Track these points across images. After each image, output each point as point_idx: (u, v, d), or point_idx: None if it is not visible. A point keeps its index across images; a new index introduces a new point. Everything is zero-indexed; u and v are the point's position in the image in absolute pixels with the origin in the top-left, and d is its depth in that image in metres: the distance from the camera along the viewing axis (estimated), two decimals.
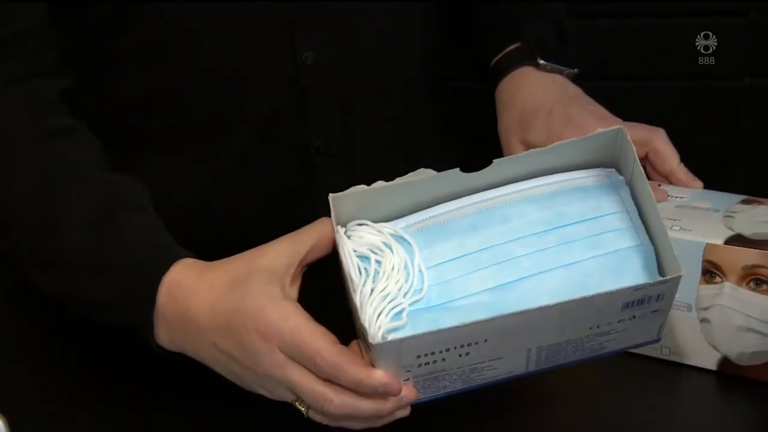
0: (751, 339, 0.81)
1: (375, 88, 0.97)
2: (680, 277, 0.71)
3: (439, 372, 0.72)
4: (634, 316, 0.73)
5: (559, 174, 0.77)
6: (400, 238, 0.76)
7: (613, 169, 0.78)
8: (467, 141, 1.02)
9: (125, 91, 0.92)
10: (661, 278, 0.73)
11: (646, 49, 1.41)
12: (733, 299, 0.81)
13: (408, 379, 0.72)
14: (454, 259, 0.75)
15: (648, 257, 0.74)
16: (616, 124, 0.90)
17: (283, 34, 0.90)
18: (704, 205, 0.87)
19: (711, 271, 0.82)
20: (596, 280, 0.73)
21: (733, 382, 0.83)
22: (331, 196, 0.76)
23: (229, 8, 0.88)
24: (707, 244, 0.81)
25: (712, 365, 0.84)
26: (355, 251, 0.75)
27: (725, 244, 0.81)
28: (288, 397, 0.75)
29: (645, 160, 0.94)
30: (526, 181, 0.77)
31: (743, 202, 0.87)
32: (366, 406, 0.73)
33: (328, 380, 0.73)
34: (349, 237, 0.76)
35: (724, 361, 0.83)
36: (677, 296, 0.81)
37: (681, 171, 0.92)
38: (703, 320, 0.83)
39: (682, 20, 1.40)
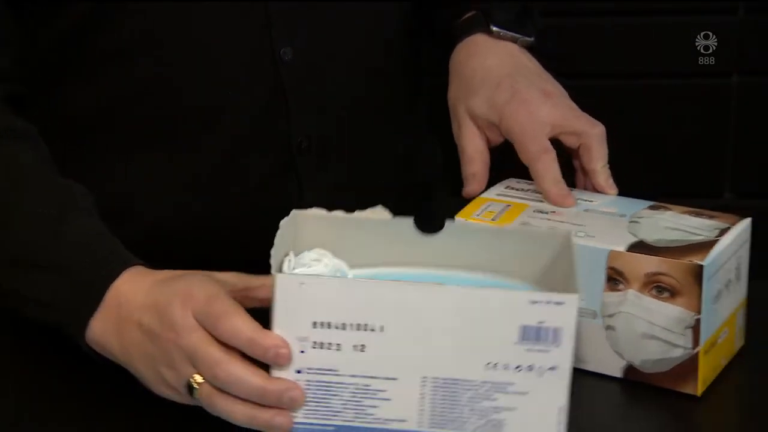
0: (655, 346, 0.81)
1: (355, 83, 0.96)
2: (577, 304, 0.69)
3: (333, 381, 0.70)
4: (532, 367, 0.70)
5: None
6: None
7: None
8: (450, 138, 1.02)
9: (104, 92, 0.91)
10: (557, 294, 0.70)
11: (640, 47, 1.42)
12: (636, 306, 0.81)
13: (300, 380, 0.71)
14: None
15: None
16: (561, 104, 0.93)
17: (261, 31, 0.91)
18: (611, 210, 0.86)
19: (615, 278, 0.81)
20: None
21: (638, 389, 0.82)
22: (283, 221, 0.76)
23: (206, 6, 0.89)
24: (611, 251, 0.81)
25: (617, 372, 0.83)
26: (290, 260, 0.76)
27: (628, 251, 0.80)
28: (188, 372, 0.74)
29: (576, 153, 0.93)
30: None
31: (651, 207, 0.87)
32: (253, 380, 0.71)
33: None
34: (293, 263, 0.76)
35: (629, 369, 0.83)
36: (583, 304, 0.82)
37: (602, 175, 0.91)
38: (608, 327, 0.82)
39: (673, 18, 1.41)
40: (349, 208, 0.95)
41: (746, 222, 0.85)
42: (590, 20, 1.43)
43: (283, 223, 0.75)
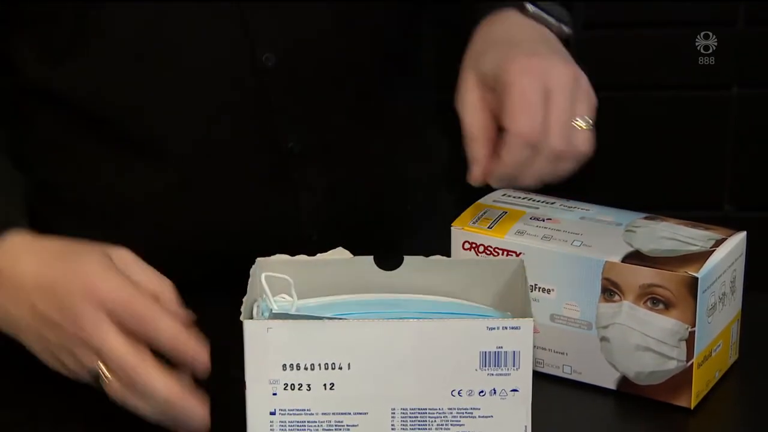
0: (649, 358, 0.80)
1: (340, 87, 0.94)
2: (532, 328, 0.72)
3: (306, 420, 0.73)
4: (494, 391, 0.72)
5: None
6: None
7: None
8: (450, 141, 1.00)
9: (83, 110, 0.90)
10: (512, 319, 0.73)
11: (639, 59, 1.42)
12: (631, 318, 0.80)
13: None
14: None
15: None
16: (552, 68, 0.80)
17: (241, 38, 0.89)
18: (608, 219, 0.86)
19: (610, 290, 0.80)
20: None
21: (632, 401, 0.82)
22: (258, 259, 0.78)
23: (183, 13, 0.87)
24: (606, 261, 0.80)
25: (611, 384, 0.83)
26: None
27: (623, 261, 0.80)
28: (93, 362, 0.72)
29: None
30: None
31: (646, 218, 0.86)
32: (163, 392, 0.71)
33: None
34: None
35: (623, 381, 0.82)
36: (579, 315, 0.82)
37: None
38: (602, 339, 0.82)
39: (673, 30, 1.40)
40: (345, 212, 0.93)
41: (741, 235, 0.84)
42: (589, 33, 1.43)
43: (251, 270, 0.78)
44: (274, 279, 0.79)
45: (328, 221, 0.96)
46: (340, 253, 0.80)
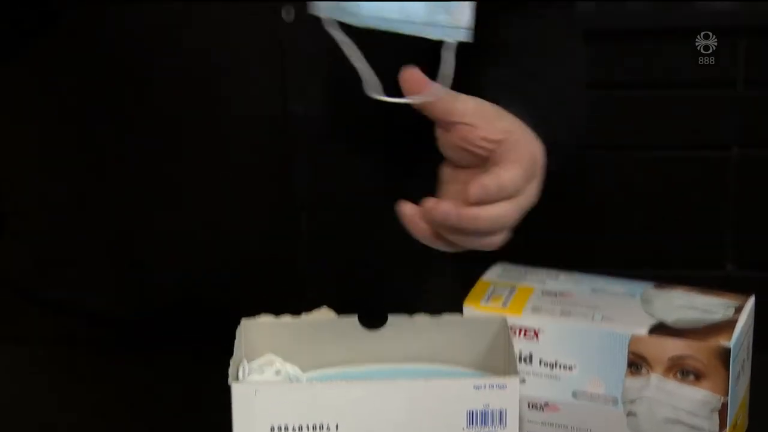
0: (679, 430, 0.79)
1: (367, 137, 0.94)
2: (518, 385, 0.72)
3: None
4: None
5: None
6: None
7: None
8: None
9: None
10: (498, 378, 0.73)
11: (640, 119, 1.41)
12: (660, 391, 0.79)
13: None
14: None
15: None
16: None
17: (274, 87, 0.90)
18: (618, 290, 0.85)
19: (636, 363, 0.79)
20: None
21: None
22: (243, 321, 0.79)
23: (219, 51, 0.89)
24: (632, 335, 0.79)
25: None
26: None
27: (650, 334, 0.79)
28: None
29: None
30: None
31: (656, 286, 0.86)
32: None
33: None
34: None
35: None
36: (603, 390, 0.80)
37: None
38: (629, 413, 0.81)
39: (675, 92, 1.40)
40: (346, 275, 0.96)
41: (752, 299, 0.84)
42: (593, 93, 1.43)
43: (237, 332, 0.78)
44: (258, 338, 0.79)
45: (328, 282, 0.96)
46: (324, 313, 0.81)
